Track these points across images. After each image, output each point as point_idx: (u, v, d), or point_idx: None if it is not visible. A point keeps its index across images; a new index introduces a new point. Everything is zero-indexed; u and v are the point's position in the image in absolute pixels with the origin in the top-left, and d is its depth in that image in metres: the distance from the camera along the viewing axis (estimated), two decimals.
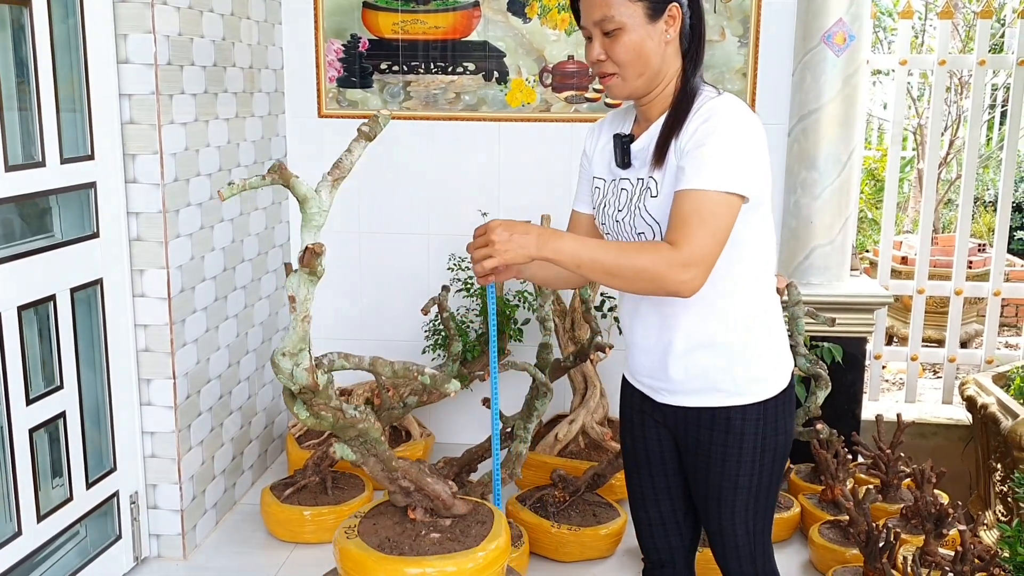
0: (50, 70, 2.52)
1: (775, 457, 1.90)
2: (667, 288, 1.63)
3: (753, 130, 1.70)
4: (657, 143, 1.76)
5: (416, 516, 1.80)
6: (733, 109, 1.70)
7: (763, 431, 1.86)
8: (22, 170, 2.43)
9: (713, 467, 1.88)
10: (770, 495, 1.93)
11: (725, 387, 1.84)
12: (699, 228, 1.62)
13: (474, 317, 3.73)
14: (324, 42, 3.79)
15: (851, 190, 3.68)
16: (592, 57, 1.77)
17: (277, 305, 3.84)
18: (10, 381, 2.41)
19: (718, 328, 1.82)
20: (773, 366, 1.88)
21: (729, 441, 1.86)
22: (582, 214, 2.03)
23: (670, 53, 1.77)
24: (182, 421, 3.03)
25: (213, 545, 3.20)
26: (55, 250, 2.58)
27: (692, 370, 1.84)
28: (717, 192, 1.64)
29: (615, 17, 1.71)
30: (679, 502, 2.04)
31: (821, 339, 3.43)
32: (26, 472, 2.49)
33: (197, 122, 3.06)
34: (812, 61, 3.56)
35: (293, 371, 1.52)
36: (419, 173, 3.86)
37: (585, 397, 3.59)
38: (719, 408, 1.85)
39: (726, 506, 1.90)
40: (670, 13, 1.74)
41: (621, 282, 1.64)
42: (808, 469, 3.54)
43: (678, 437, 1.94)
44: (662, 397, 1.91)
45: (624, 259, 1.63)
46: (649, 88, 1.78)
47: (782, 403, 1.90)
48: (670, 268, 1.61)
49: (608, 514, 3.11)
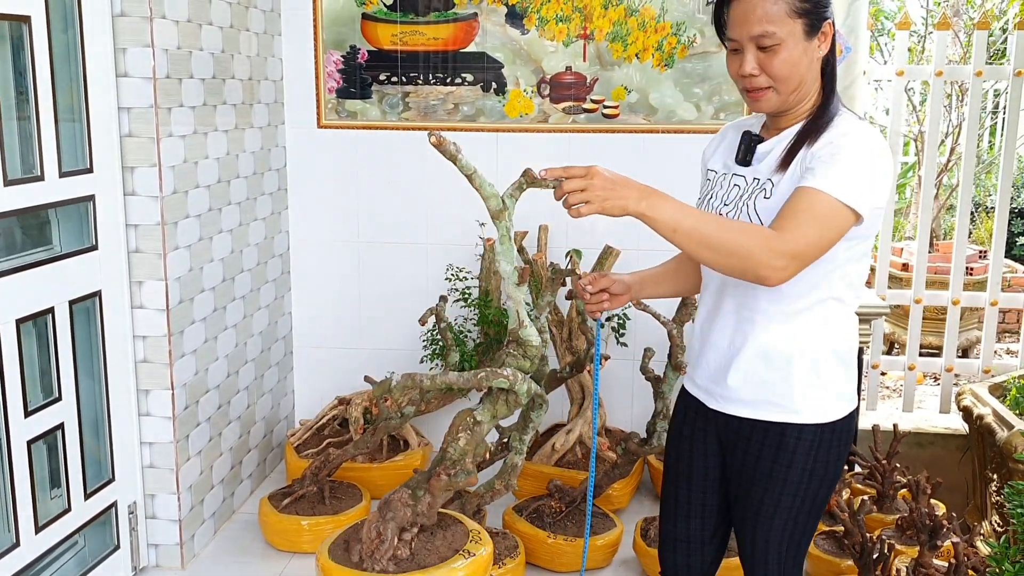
0: (49, 84, 2.54)
1: (822, 484, 1.87)
2: (757, 271, 1.60)
3: (887, 162, 1.71)
4: (788, 149, 1.76)
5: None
6: (874, 135, 1.72)
7: (815, 456, 1.83)
8: (21, 184, 2.45)
9: (757, 482, 1.87)
10: (809, 522, 1.90)
11: (782, 403, 1.82)
12: (809, 223, 1.62)
13: (471, 327, 3.75)
14: (323, 53, 3.81)
15: None
16: (744, 71, 1.74)
17: (276, 315, 3.86)
18: (8, 393, 2.43)
19: (790, 342, 1.80)
20: (836, 394, 1.85)
21: (779, 459, 1.84)
22: None
23: (816, 70, 1.77)
24: (181, 431, 3.04)
25: (211, 555, 3.22)
26: (54, 263, 2.60)
27: (752, 379, 1.83)
28: (837, 199, 1.63)
29: (776, 33, 1.69)
30: (710, 521, 2.03)
31: None
32: (24, 483, 2.50)
33: (196, 134, 3.08)
34: None
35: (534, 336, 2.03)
36: (417, 183, 3.88)
37: (582, 407, 3.60)
38: (773, 423, 1.83)
39: (763, 524, 1.89)
40: (823, 30, 1.74)
41: (713, 255, 1.60)
42: None
43: (727, 449, 1.94)
44: (717, 404, 1.91)
45: (725, 232, 1.60)
46: (797, 103, 1.78)
47: (839, 434, 1.86)
48: (768, 252, 1.58)
49: (605, 524, 3.12)
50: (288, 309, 3.99)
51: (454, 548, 2.45)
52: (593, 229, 3.72)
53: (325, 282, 4.00)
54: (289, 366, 4.03)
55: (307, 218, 3.96)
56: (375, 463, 3.55)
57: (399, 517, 2.24)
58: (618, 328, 3.54)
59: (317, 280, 4.00)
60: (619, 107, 3.72)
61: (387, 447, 3.64)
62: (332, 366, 4.01)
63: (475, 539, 2.55)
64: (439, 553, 2.40)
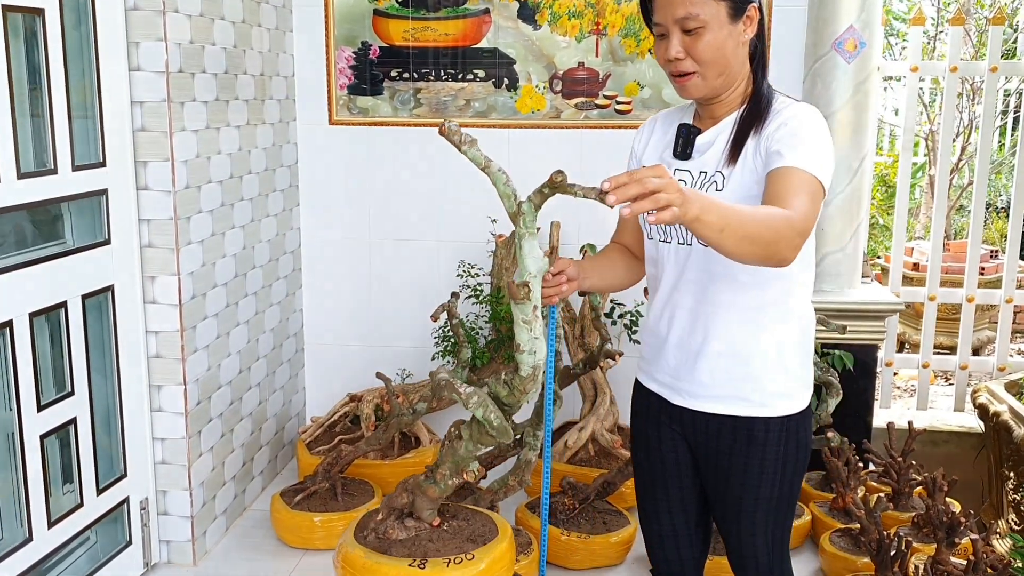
0: (62, 78, 2.54)
1: (796, 470, 1.90)
2: (783, 253, 1.55)
3: (831, 140, 1.75)
4: (734, 138, 1.76)
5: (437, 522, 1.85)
6: (818, 115, 1.75)
7: (786, 444, 1.85)
8: (34, 177, 2.44)
9: (734, 477, 1.87)
10: (790, 506, 1.93)
11: (752, 397, 1.83)
12: (805, 200, 1.61)
13: (483, 324, 3.73)
14: (335, 49, 3.80)
15: (862, 197, 3.66)
16: (669, 55, 1.74)
17: (288, 311, 3.85)
18: (22, 387, 2.42)
19: (755, 335, 1.81)
20: (800, 383, 1.87)
21: (751, 452, 1.85)
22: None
23: (743, 54, 1.77)
24: (192, 427, 3.03)
25: (223, 551, 3.21)
26: (66, 257, 2.59)
27: (720, 376, 1.83)
28: (812, 175, 1.64)
29: (699, 15, 1.70)
30: (692, 515, 2.03)
31: (832, 346, 3.42)
32: (37, 478, 2.50)
33: (208, 129, 3.07)
34: (823, 68, 3.55)
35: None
36: (429, 180, 3.86)
37: (595, 404, 3.59)
38: (742, 418, 1.84)
39: (746, 517, 1.89)
40: (749, 14, 1.74)
41: (752, 248, 1.50)
42: (819, 477, 3.53)
43: (696, 445, 1.93)
44: (682, 400, 1.89)
45: (760, 222, 1.52)
46: (725, 88, 1.78)
47: (804, 420, 1.90)
48: (792, 230, 1.56)
49: (618, 522, 3.10)
50: (299, 306, 3.98)
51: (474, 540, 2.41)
52: (604, 222, 3.70)
53: (336, 279, 3.99)
54: (300, 363, 4.02)
55: (318, 215, 3.95)
56: (387, 460, 3.54)
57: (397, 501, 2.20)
58: (630, 325, 3.52)
59: (328, 277, 3.99)
60: (632, 103, 3.70)
61: (399, 444, 3.63)
62: (343, 363, 4.00)
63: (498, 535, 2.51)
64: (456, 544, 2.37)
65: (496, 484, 2.90)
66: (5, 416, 2.41)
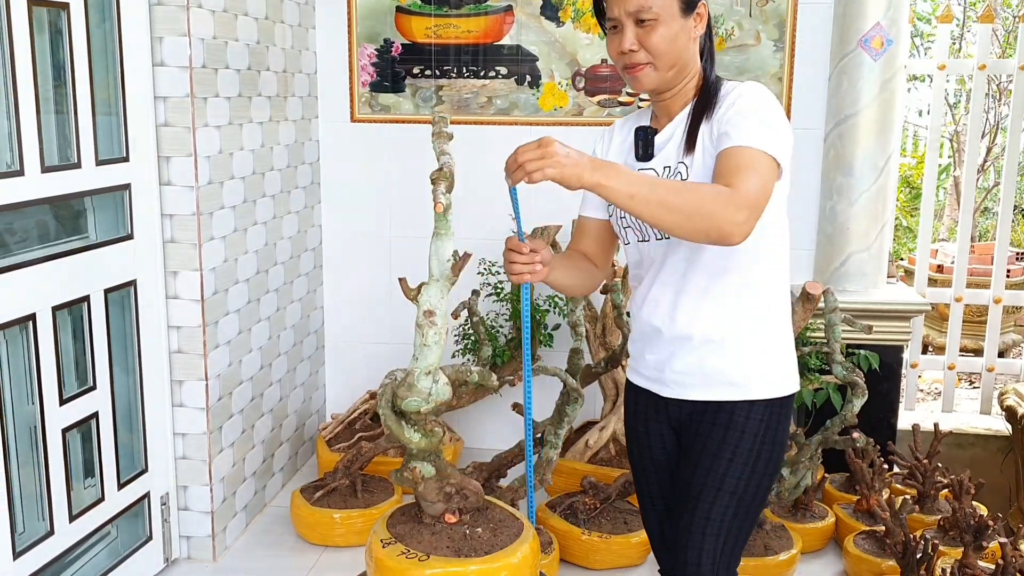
0: (86, 72, 2.54)
1: (767, 469, 1.86)
2: (721, 228, 1.58)
3: (781, 111, 1.76)
4: (689, 128, 1.79)
5: (453, 519, 1.80)
6: (764, 90, 1.77)
7: (763, 434, 1.84)
8: (58, 171, 2.45)
9: (703, 461, 1.84)
10: (751, 511, 1.85)
11: (733, 380, 1.83)
12: (750, 175, 1.63)
13: (504, 322, 3.72)
14: (357, 46, 3.80)
15: (888, 196, 3.62)
16: (623, 47, 1.77)
17: (309, 308, 3.84)
18: (44, 381, 2.43)
19: (732, 322, 1.81)
20: (781, 367, 1.87)
21: (728, 437, 1.83)
22: (591, 220, 2.01)
23: (694, 50, 1.82)
24: (214, 423, 3.03)
25: (243, 547, 3.21)
26: (89, 251, 2.59)
27: (700, 362, 1.83)
28: (762, 152, 1.66)
29: (652, 7, 1.74)
30: None
31: (857, 347, 3.38)
32: (59, 472, 2.50)
33: (231, 125, 3.07)
34: (849, 65, 3.51)
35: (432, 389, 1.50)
36: None
37: (616, 404, 3.56)
38: (724, 402, 1.84)
39: (703, 506, 1.82)
40: (699, 11, 1.80)
41: (674, 218, 1.57)
42: (843, 479, 3.49)
43: (681, 434, 1.92)
44: (668, 390, 1.89)
45: (683, 193, 1.59)
46: (677, 81, 1.81)
47: (785, 411, 1.88)
48: (728, 205, 1.58)
49: (639, 522, 3.07)
50: (320, 303, 3.98)
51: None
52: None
53: (357, 276, 3.98)
54: (321, 360, 4.02)
55: (340, 212, 3.94)
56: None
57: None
58: None
59: (349, 274, 3.99)
60: None
61: None
62: (364, 360, 3.99)
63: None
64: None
65: (517, 483, 2.88)
66: (27, 410, 2.41)
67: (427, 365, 1.47)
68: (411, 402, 1.48)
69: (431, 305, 1.43)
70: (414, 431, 1.58)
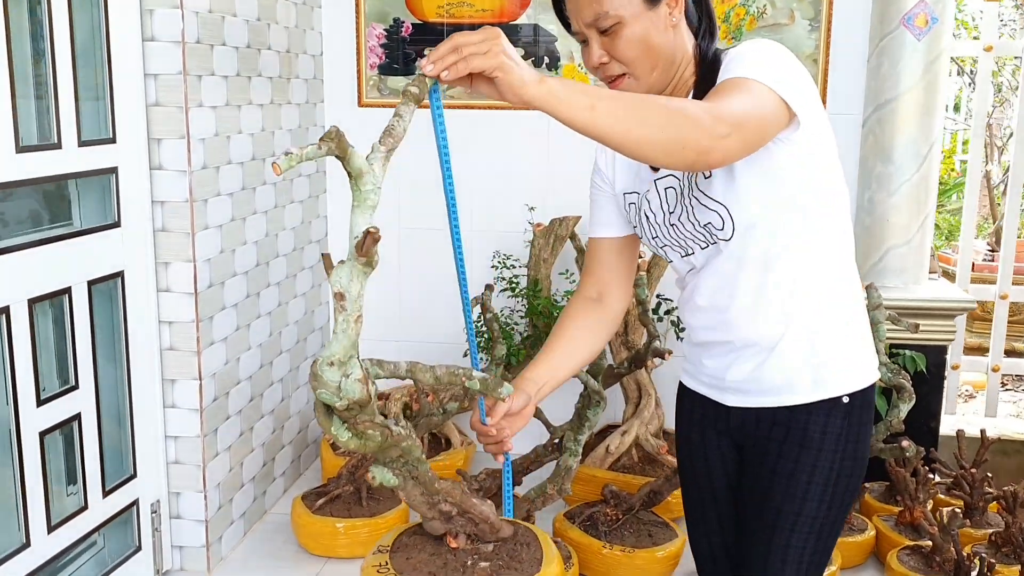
0: (68, 44, 2.33)
1: (848, 486, 1.64)
2: (700, 142, 1.30)
3: (793, 59, 1.48)
4: None
5: (458, 544, 1.56)
6: (767, 42, 1.50)
7: (843, 449, 1.61)
8: (35, 151, 2.25)
9: (777, 484, 1.62)
10: (833, 532, 1.66)
11: (802, 381, 1.59)
12: (738, 96, 1.36)
13: (519, 319, 3.50)
14: (365, 27, 3.59)
15: (930, 186, 3.39)
16: (593, 62, 1.53)
17: (313, 303, 3.64)
18: (19, 380, 2.23)
19: (793, 318, 1.57)
20: (855, 356, 1.63)
21: (803, 457, 1.60)
22: (606, 240, 1.74)
23: (680, 35, 1.53)
24: (208, 425, 2.83)
25: (240, 558, 3.01)
26: (71, 239, 2.39)
27: (765, 366, 1.60)
28: (759, 81, 1.39)
29: (609, 12, 1.47)
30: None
31: (901, 347, 3.15)
32: (36, 478, 2.30)
33: (228, 106, 2.86)
34: (890, 46, 3.28)
35: (342, 383, 1.25)
36: (462, 166, 3.63)
37: (639, 407, 3.34)
38: (796, 409, 1.60)
39: (780, 534, 1.63)
40: None
41: (644, 132, 1.29)
42: (882, 488, 3.26)
43: (745, 447, 1.70)
44: (731, 398, 1.67)
45: (653, 101, 1.32)
46: (667, 79, 1.55)
47: (866, 410, 1.64)
48: (707, 114, 1.31)
49: (665, 535, 2.85)
50: (326, 299, 3.78)
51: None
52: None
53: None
54: None
55: (346, 202, 3.73)
56: None
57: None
58: (678, 322, 3.27)
59: None
60: None
61: (428, 445, 3.42)
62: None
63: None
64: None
65: (533, 492, 2.66)
66: (1, 411, 2.21)
67: (330, 354, 1.22)
68: (323, 394, 1.25)
69: (340, 287, 1.19)
70: (343, 428, 1.34)
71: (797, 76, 1.46)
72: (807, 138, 1.48)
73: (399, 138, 1.25)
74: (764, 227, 1.52)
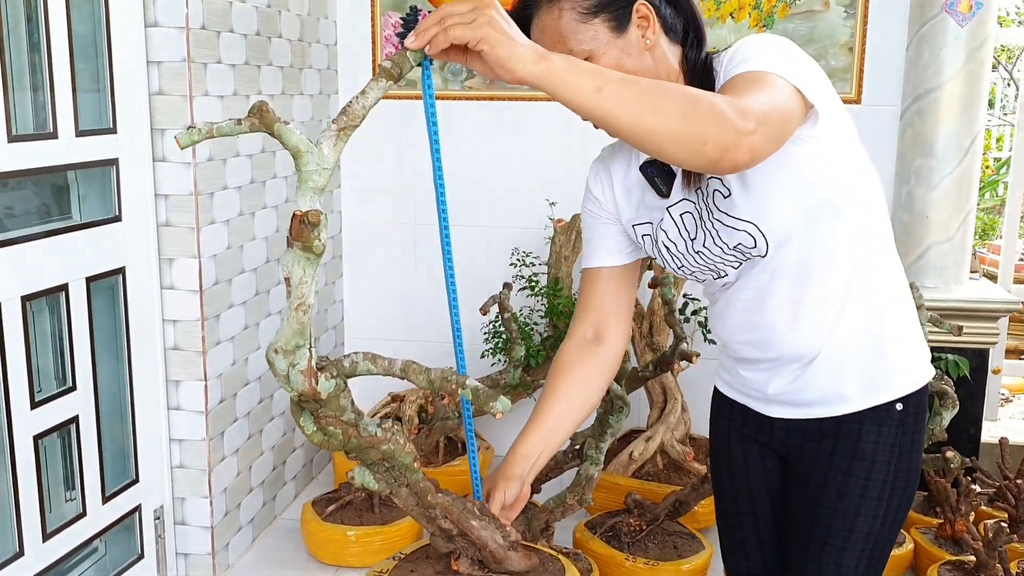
0: (64, 28, 2.22)
1: (903, 499, 1.52)
2: (723, 135, 1.15)
3: (800, 51, 1.35)
4: None
5: (460, 568, 1.42)
6: (769, 35, 1.37)
7: (896, 459, 1.49)
8: (29, 141, 2.13)
9: (826, 499, 1.50)
10: (886, 550, 1.55)
11: (850, 389, 1.47)
12: (758, 88, 1.23)
13: (539, 319, 3.37)
14: (381, 15, 3.47)
15: (972, 181, 3.22)
16: None
17: (326, 302, 3.53)
18: (11, 381, 2.12)
19: (835, 323, 1.44)
20: (905, 357, 1.50)
21: (855, 469, 1.48)
22: (606, 270, 1.59)
23: (660, 54, 1.39)
24: (214, 428, 2.72)
25: (248, 566, 2.90)
26: (67, 234, 2.28)
27: (807, 376, 1.48)
28: (776, 75, 1.26)
29: (576, 48, 1.34)
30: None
31: (942, 350, 2.99)
32: (30, 484, 2.19)
33: (236, 96, 2.75)
34: (931, 33, 3.11)
35: (289, 373, 1.15)
36: (481, 159, 3.51)
37: (664, 412, 3.20)
38: (847, 416, 1.48)
39: (831, 552, 1.51)
40: (639, 14, 1.36)
41: (659, 121, 1.14)
42: (920, 499, 3.09)
43: (790, 460, 1.58)
44: (774, 410, 1.55)
45: (671, 88, 1.18)
46: None
47: (920, 415, 1.52)
48: (732, 108, 1.16)
49: (691, 547, 2.71)
50: (339, 297, 3.66)
51: None
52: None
53: (379, 267, 3.66)
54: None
55: (361, 198, 3.62)
56: (430, 467, 3.19)
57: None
58: (705, 323, 3.13)
59: (370, 266, 3.66)
60: None
61: (444, 450, 3.29)
62: None
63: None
64: None
65: (552, 502, 2.52)
66: None
67: (275, 342, 1.12)
68: (278, 382, 1.14)
69: (287, 270, 1.08)
70: (311, 420, 1.22)
71: (809, 68, 1.33)
72: (827, 132, 1.35)
73: (355, 116, 1.12)
74: (800, 236, 1.39)
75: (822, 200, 1.38)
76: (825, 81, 1.36)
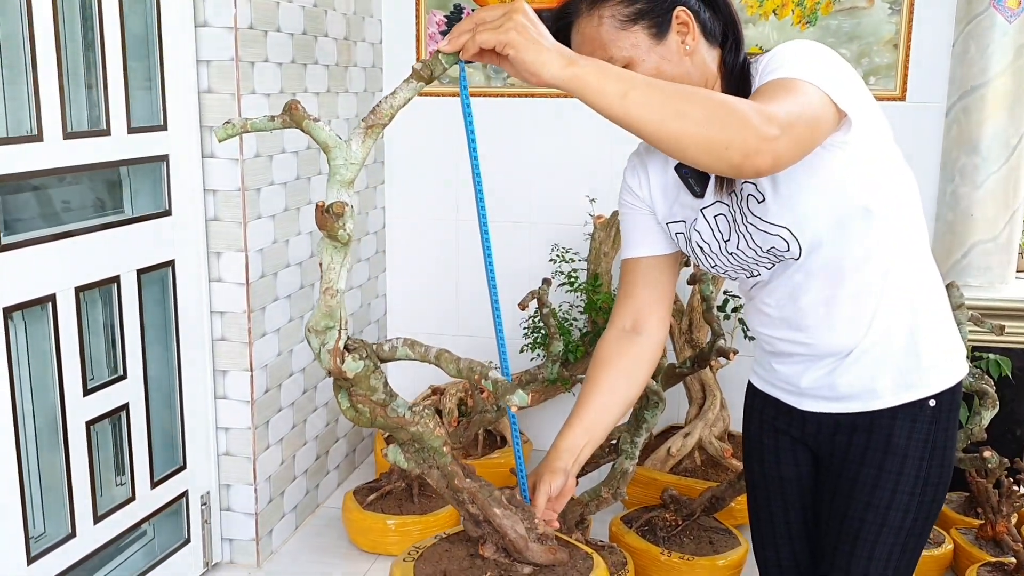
0: (118, 29, 2.30)
1: (936, 494, 1.53)
2: (747, 141, 1.16)
3: (838, 57, 1.37)
4: None
5: (485, 552, 1.46)
6: (806, 42, 1.38)
7: (929, 455, 1.49)
8: (83, 138, 2.22)
9: (858, 492, 1.52)
10: (919, 545, 1.55)
11: (885, 383, 1.48)
12: (787, 95, 1.24)
13: (578, 314, 3.39)
14: (425, 13, 3.52)
15: (1020, 179, 3.17)
16: None
17: (370, 296, 3.59)
18: (65, 369, 2.21)
19: (869, 319, 1.46)
20: (939, 356, 1.51)
21: (887, 464, 1.50)
22: (646, 259, 1.60)
23: (699, 59, 1.41)
24: (259, 417, 2.79)
25: (291, 552, 2.97)
26: (120, 227, 2.36)
27: (842, 372, 1.49)
28: (807, 82, 1.27)
29: (616, 55, 1.36)
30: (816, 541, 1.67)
31: (984, 350, 2.96)
32: (82, 469, 2.28)
33: (283, 94, 2.81)
34: (977, 29, 3.07)
35: (320, 352, 1.22)
36: (523, 155, 3.54)
37: (703, 408, 3.21)
38: (880, 411, 1.49)
39: (863, 546, 1.52)
40: (679, 20, 1.37)
41: (683, 125, 1.16)
42: (961, 499, 3.07)
43: (822, 454, 1.59)
44: (807, 403, 1.56)
45: (695, 92, 1.20)
46: None
47: (953, 412, 1.53)
48: (757, 114, 1.18)
49: (727, 542, 2.72)
50: (382, 290, 3.72)
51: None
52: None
53: (422, 263, 3.71)
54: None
55: (404, 193, 3.67)
56: (469, 459, 3.24)
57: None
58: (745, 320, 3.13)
59: (413, 260, 3.72)
60: None
61: (483, 442, 3.34)
62: None
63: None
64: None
65: (587, 495, 2.55)
66: (47, 400, 2.19)
67: (309, 322, 1.20)
68: (316, 359, 1.23)
69: (319, 257, 1.16)
70: (346, 397, 1.28)
71: (843, 74, 1.34)
72: (860, 139, 1.36)
73: (384, 115, 1.16)
74: (833, 240, 1.40)
75: (855, 206, 1.39)
76: (861, 87, 1.36)
